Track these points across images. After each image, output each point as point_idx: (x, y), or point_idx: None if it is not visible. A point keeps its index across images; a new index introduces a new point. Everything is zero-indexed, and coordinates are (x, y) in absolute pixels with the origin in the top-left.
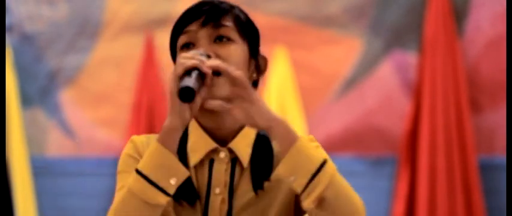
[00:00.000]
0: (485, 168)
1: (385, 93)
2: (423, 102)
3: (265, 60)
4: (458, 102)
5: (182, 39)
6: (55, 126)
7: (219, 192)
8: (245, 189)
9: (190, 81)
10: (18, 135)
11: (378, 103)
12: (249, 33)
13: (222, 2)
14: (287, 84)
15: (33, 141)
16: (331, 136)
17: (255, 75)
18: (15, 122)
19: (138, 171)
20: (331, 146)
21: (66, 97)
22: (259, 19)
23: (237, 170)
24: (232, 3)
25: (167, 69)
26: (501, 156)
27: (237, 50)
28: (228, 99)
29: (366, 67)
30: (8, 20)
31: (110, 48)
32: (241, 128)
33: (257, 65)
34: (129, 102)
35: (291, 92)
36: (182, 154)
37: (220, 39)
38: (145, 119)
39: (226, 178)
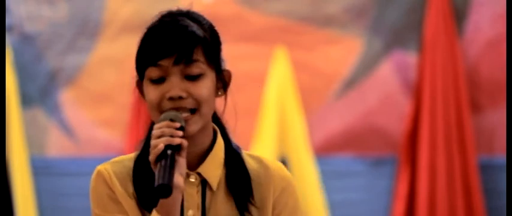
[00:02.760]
0: (485, 168)
1: (385, 93)
2: (423, 102)
3: (228, 73)
4: (458, 102)
5: (154, 72)
6: (55, 126)
7: (192, 214)
8: (218, 210)
9: (165, 176)
10: (18, 135)
11: (378, 103)
12: (216, 55)
13: (192, 27)
14: (287, 84)
15: (33, 141)
16: (331, 136)
17: (220, 92)
18: (15, 122)
19: None
20: (331, 146)
21: (66, 97)
22: (259, 19)
23: (208, 192)
24: (198, 16)
25: None
26: (501, 156)
27: (208, 83)
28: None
29: (366, 67)
30: (8, 20)
31: (110, 48)
32: (209, 150)
33: (222, 80)
34: (129, 102)
35: (291, 92)
36: (152, 178)
37: (192, 78)
38: (146, 119)
39: (198, 201)
